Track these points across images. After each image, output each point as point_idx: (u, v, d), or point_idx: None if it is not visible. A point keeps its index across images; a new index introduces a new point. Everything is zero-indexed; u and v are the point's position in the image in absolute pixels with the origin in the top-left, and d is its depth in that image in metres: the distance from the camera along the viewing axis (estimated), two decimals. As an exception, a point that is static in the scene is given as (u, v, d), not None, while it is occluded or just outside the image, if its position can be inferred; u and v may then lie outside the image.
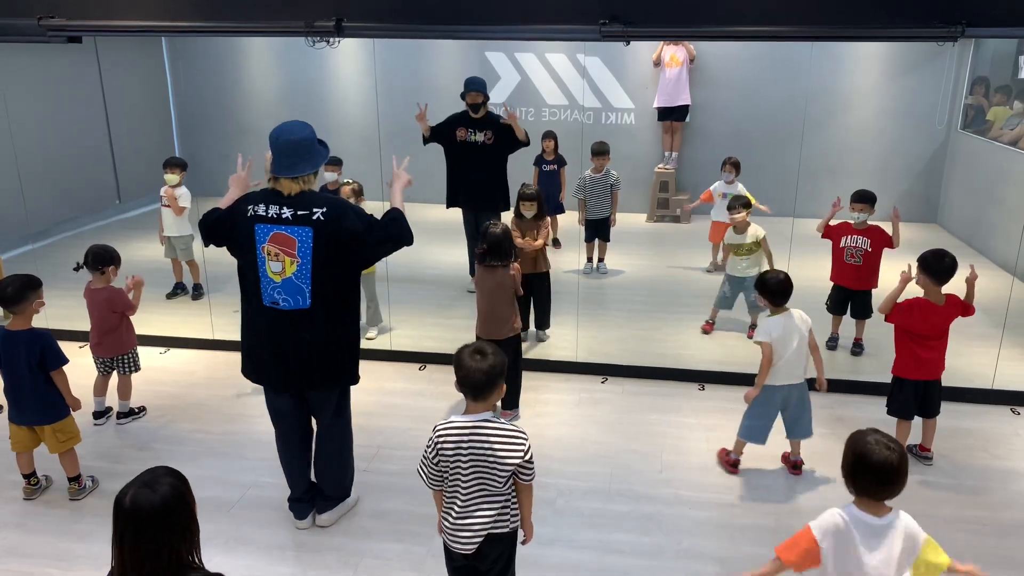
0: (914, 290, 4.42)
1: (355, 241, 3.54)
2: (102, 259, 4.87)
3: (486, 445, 2.77)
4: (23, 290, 4.09)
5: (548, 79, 10.25)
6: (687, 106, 9.87)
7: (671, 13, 4.80)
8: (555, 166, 8.16)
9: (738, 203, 6.28)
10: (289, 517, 4.06)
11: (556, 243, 8.38)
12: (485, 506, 2.84)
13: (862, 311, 5.86)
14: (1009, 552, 3.85)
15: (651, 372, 5.64)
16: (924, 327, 4.36)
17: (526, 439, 2.84)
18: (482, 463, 2.79)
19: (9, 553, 3.84)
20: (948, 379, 4.59)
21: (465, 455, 2.78)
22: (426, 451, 2.85)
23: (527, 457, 2.81)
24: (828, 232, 5.87)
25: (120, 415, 5.09)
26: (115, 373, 5.06)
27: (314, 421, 3.96)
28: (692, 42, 9.60)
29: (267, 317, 3.63)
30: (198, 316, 6.66)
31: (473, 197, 7.00)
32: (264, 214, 3.53)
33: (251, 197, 3.63)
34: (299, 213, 3.48)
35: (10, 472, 4.45)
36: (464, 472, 2.81)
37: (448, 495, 2.88)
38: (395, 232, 3.61)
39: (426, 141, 6.97)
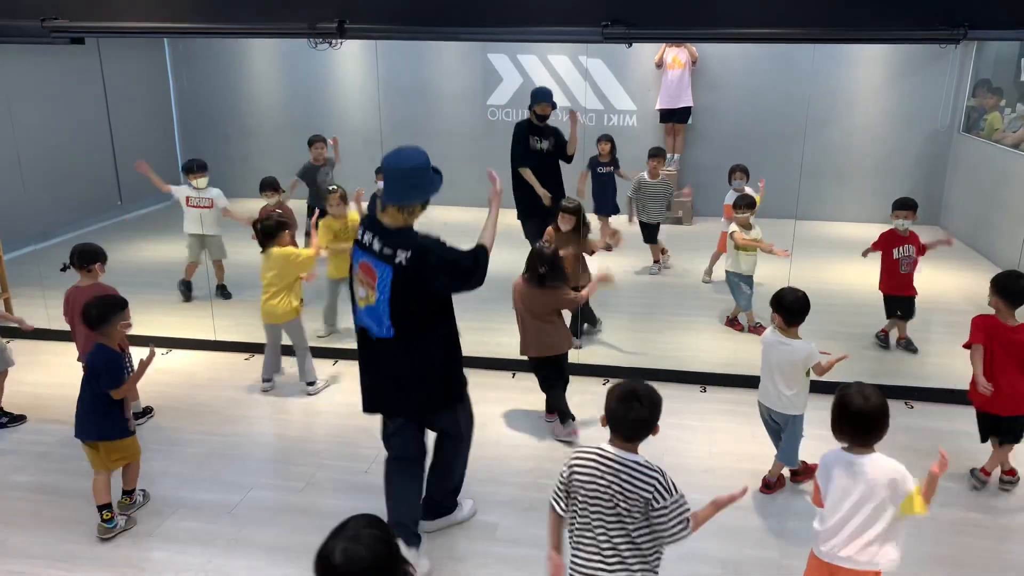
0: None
1: (432, 289, 3.49)
2: (89, 256, 4.75)
3: (621, 480, 2.70)
4: (108, 312, 3.94)
5: (550, 81, 10.24)
6: (689, 108, 9.87)
7: (673, 15, 4.80)
8: (610, 168, 8.12)
9: (743, 203, 6.29)
10: (291, 518, 4.06)
11: (608, 247, 8.20)
12: (620, 557, 2.69)
13: (908, 312, 5.98)
14: (1012, 556, 3.85)
15: (652, 374, 5.61)
16: (1000, 348, 4.16)
17: (655, 475, 2.72)
18: (614, 499, 2.69)
19: (13, 553, 3.84)
20: (953, 381, 4.58)
21: (601, 489, 2.70)
22: (562, 474, 2.78)
23: (660, 500, 2.69)
24: (876, 245, 5.92)
25: (135, 415, 5.05)
26: None
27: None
28: (694, 44, 9.60)
29: (362, 339, 3.63)
30: (200, 317, 6.66)
31: (537, 203, 6.96)
32: (360, 238, 3.52)
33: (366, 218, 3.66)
34: (385, 251, 3.40)
35: (14, 473, 4.46)
36: (594, 507, 2.70)
37: (576, 533, 2.76)
38: (469, 268, 3.53)
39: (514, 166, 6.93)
